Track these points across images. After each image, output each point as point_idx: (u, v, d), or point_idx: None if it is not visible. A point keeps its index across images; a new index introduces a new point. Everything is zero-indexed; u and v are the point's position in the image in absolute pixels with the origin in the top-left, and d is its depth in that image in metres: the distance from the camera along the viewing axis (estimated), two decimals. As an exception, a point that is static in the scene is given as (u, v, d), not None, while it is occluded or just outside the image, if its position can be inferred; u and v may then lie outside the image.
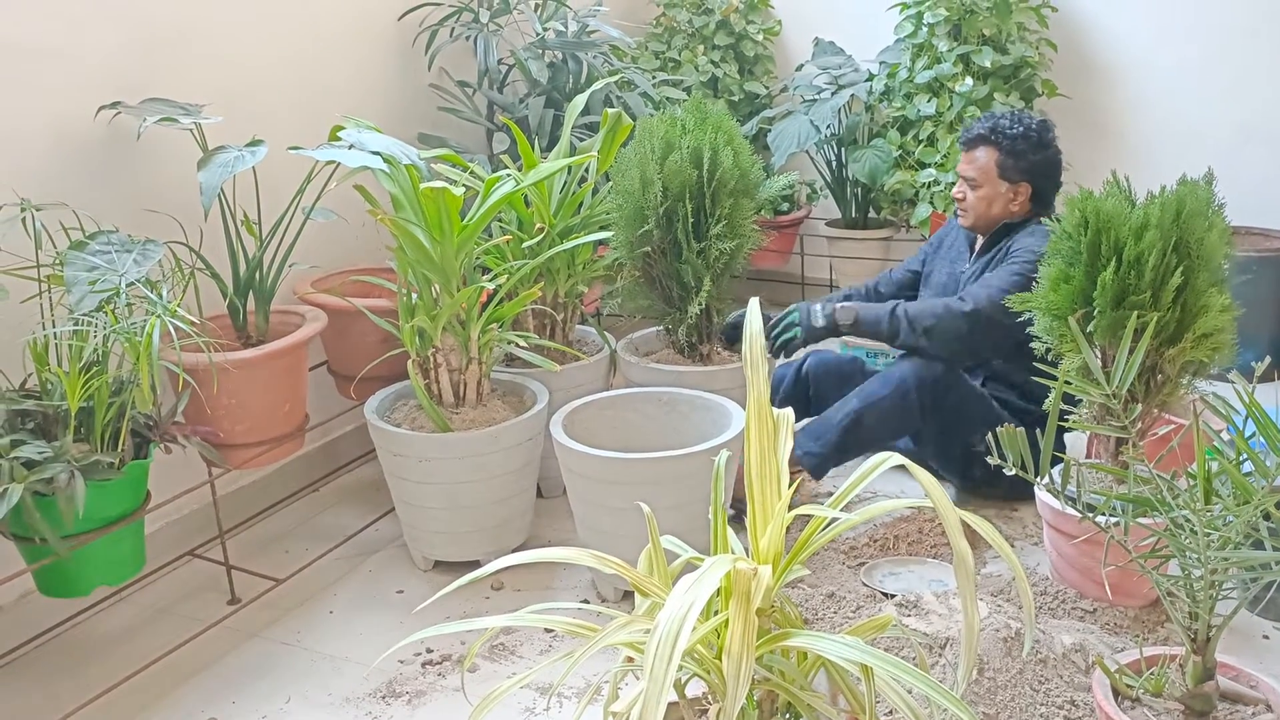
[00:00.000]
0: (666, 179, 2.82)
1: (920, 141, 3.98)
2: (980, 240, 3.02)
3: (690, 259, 2.87)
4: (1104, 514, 1.83)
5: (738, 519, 1.94)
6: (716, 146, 2.86)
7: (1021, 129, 2.87)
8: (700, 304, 2.91)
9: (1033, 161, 2.88)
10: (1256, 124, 3.95)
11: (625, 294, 3.05)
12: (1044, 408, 2.77)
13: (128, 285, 2.08)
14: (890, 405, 2.80)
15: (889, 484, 3.02)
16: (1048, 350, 2.40)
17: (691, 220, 2.85)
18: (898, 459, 1.65)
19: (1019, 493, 2.90)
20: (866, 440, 2.81)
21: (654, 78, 3.98)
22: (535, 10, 3.63)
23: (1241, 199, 2.94)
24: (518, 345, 2.74)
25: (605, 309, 3.18)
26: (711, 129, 2.91)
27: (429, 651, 2.39)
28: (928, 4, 3.97)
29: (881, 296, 3.20)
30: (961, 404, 2.84)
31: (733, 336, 3.06)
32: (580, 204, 3.01)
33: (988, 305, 2.75)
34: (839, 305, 2.89)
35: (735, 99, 4.45)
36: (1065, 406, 2.87)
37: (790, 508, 1.57)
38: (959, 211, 3.01)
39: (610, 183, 3.08)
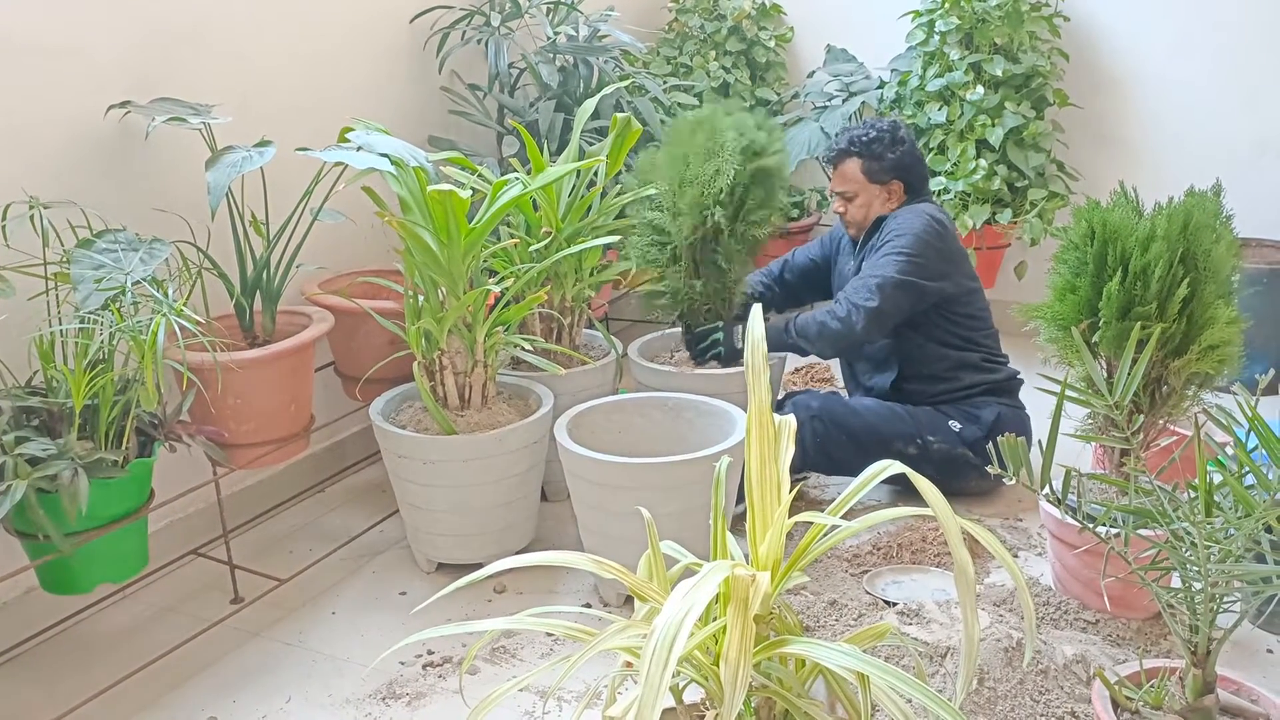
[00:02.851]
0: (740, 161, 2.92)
1: (931, 149, 3.97)
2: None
3: (726, 243, 2.96)
4: (1105, 525, 1.82)
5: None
6: (756, 126, 3.01)
7: (875, 133, 3.07)
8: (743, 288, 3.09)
9: (894, 159, 3.05)
10: (1272, 137, 3.92)
11: (673, 287, 3.07)
12: (963, 385, 3.00)
13: (134, 284, 2.09)
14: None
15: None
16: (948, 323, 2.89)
17: (742, 203, 2.94)
18: (899, 467, 1.65)
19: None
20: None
21: (665, 83, 3.99)
22: (547, 14, 3.63)
23: (1255, 211, 2.93)
24: (523, 349, 2.74)
25: (660, 317, 3.18)
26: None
27: (430, 653, 2.39)
28: (940, 12, 3.97)
29: (786, 284, 3.36)
30: (856, 448, 2.90)
31: (700, 352, 3.07)
32: (589, 208, 3.01)
33: (860, 301, 2.88)
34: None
35: (747, 105, 4.45)
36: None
37: (791, 514, 1.57)
38: (845, 224, 3.17)
39: (632, 177, 3.08)
